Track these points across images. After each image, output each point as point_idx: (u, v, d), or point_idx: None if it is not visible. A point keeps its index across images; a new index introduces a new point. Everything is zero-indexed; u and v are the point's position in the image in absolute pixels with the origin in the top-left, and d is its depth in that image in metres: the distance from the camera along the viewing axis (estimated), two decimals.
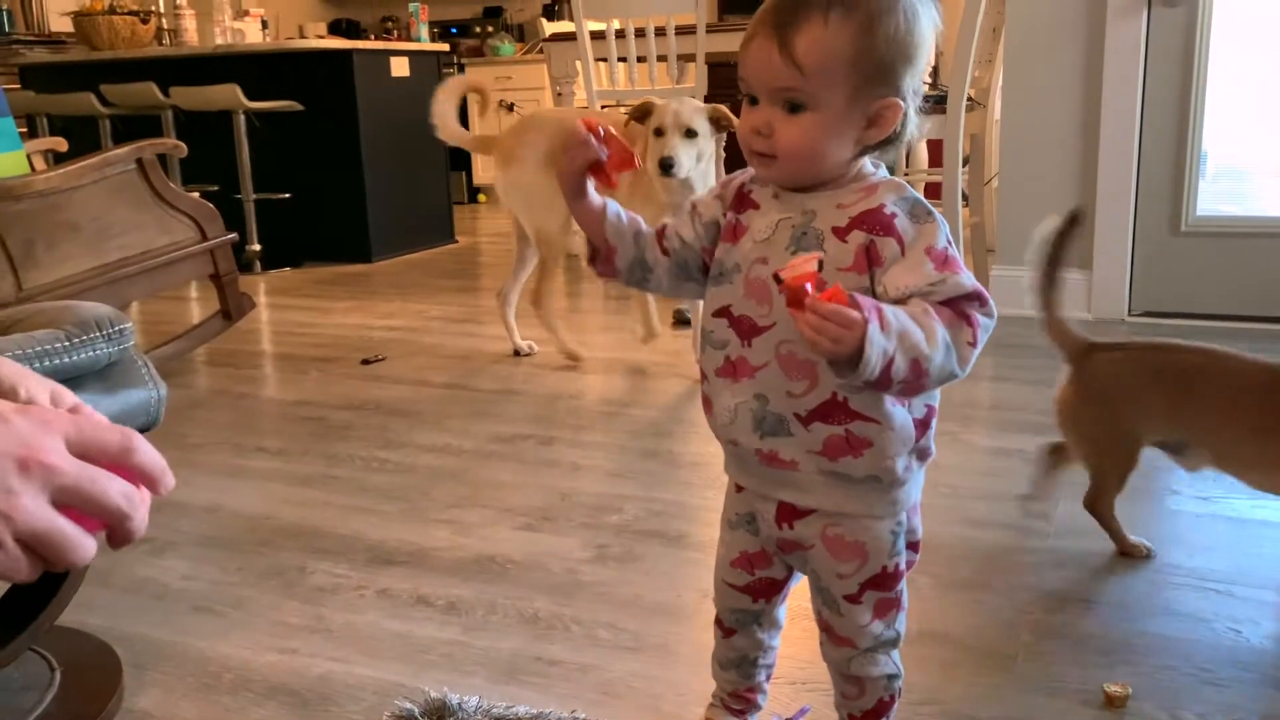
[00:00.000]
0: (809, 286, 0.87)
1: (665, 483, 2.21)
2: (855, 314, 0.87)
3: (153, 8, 5.52)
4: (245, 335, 3.66)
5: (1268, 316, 3.29)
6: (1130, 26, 3.27)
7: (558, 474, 2.25)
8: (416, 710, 1.34)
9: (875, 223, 0.96)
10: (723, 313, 1.04)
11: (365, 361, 3.26)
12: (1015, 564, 1.77)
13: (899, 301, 0.94)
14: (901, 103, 0.97)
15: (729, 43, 4.32)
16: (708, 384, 1.07)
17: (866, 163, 1.02)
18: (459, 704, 1.35)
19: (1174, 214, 3.37)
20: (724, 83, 6.54)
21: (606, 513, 2.00)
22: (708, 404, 1.08)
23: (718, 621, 1.22)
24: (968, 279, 0.95)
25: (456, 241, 5.77)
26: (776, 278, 0.90)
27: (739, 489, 1.13)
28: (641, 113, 2.75)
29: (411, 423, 2.64)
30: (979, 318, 0.95)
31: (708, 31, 4.11)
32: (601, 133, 1.02)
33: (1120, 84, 3.31)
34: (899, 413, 1.00)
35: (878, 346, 0.88)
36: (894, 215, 0.96)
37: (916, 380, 0.92)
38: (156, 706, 1.43)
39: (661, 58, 4.13)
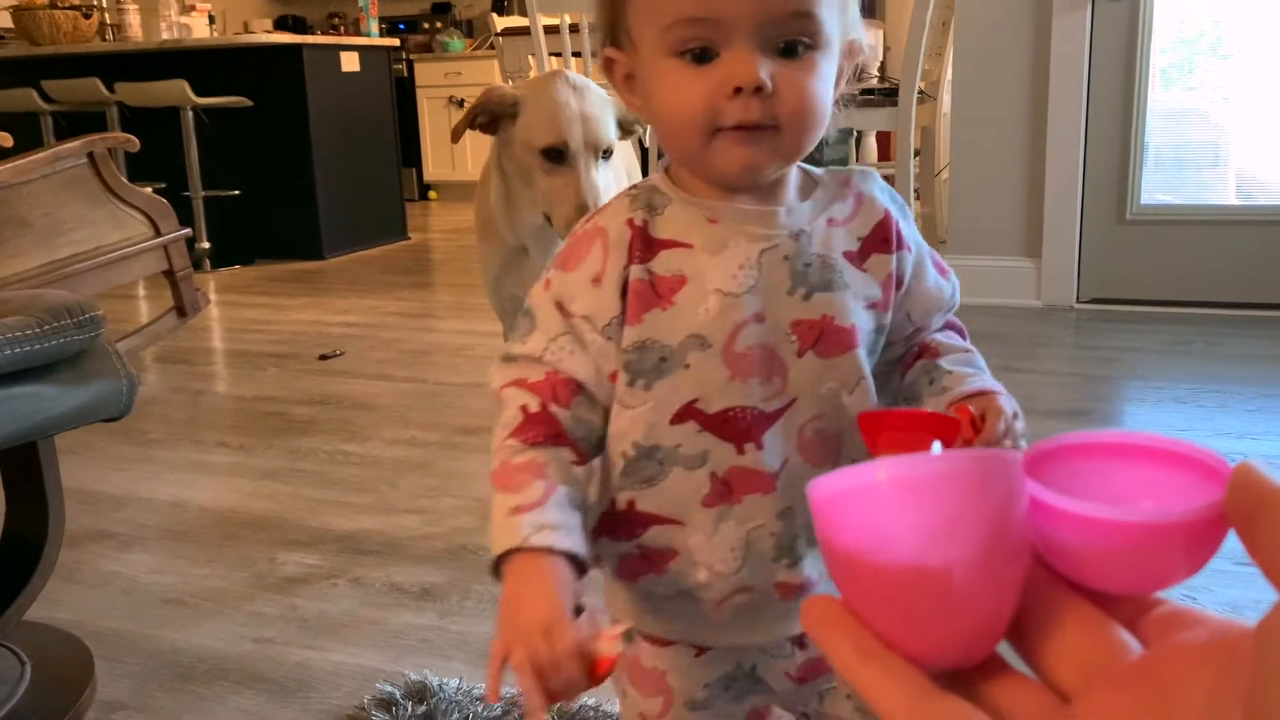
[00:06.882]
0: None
1: None
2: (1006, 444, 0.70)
3: (95, 2, 5.41)
4: (198, 333, 3.61)
5: (1210, 301, 3.38)
6: (1075, 20, 3.35)
7: None
8: (398, 693, 1.34)
9: (888, 236, 0.74)
10: (688, 414, 0.71)
11: (323, 357, 3.23)
12: None
13: (923, 328, 0.78)
14: (859, 40, 0.72)
15: None
16: (672, 528, 0.73)
17: None
18: (440, 686, 1.35)
19: (1119, 203, 3.46)
20: None
21: None
22: (665, 559, 0.74)
23: None
24: (953, 276, 0.80)
25: (409, 238, 5.74)
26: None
27: (700, 651, 0.78)
28: (493, 107, 1.48)
29: (374, 416, 2.63)
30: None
31: None
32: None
33: (1066, 76, 3.39)
34: None
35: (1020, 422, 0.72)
36: (895, 218, 0.75)
37: None
38: (131, 698, 1.42)
39: None
